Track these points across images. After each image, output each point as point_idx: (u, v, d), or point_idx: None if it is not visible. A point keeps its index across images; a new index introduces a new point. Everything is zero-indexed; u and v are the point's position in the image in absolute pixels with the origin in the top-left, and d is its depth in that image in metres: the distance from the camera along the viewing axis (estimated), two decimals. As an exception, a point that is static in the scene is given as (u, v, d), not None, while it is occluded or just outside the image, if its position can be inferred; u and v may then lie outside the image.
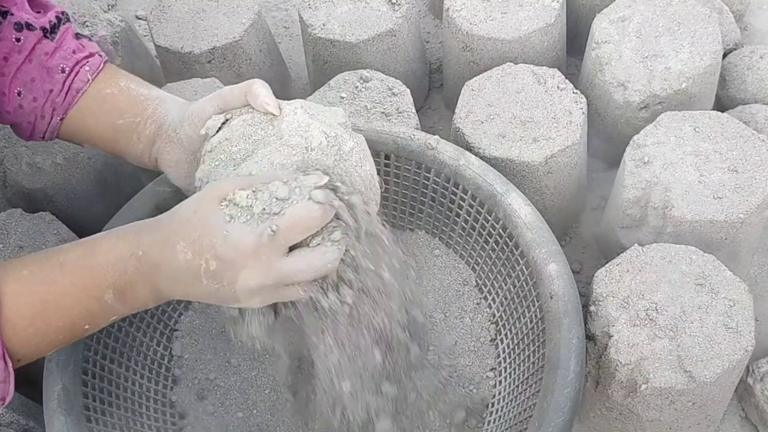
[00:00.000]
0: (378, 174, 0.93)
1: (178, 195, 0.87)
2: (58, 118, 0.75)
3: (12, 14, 0.73)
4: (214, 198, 0.59)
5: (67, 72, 0.74)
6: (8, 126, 0.78)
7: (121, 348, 0.83)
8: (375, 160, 0.92)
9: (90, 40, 0.79)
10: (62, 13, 0.77)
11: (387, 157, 0.92)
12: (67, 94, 0.74)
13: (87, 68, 0.75)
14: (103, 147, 0.77)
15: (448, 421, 0.83)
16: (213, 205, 0.59)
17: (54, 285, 0.60)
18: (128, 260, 0.60)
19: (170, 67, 1.17)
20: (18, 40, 0.73)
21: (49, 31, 0.75)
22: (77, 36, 0.78)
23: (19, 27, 0.73)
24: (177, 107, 0.74)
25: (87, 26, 1.15)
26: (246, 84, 0.70)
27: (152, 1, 1.20)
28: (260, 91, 0.69)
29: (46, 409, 0.72)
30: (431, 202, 0.94)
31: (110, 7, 1.30)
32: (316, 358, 0.69)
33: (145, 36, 1.40)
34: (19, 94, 0.74)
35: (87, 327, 0.63)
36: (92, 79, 0.75)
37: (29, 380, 0.83)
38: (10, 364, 0.59)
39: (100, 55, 0.77)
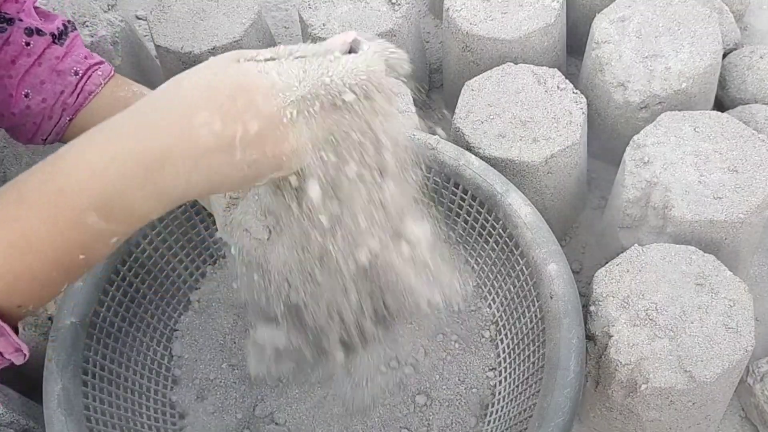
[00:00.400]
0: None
1: (178, 195, 0.88)
2: (68, 119, 0.76)
3: (21, 20, 0.74)
4: (233, 58, 0.50)
5: (80, 74, 0.76)
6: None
7: (121, 348, 0.83)
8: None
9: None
10: (69, 21, 0.79)
11: (387, 157, 0.92)
12: (79, 95, 0.76)
13: (99, 73, 0.78)
14: None
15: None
16: (240, 63, 0.49)
17: (16, 222, 0.48)
18: (111, 162, 0.47)
19: (170, 67, 1.17)
20: (28, 44, 0.75)
21: (58, 37, 0.77)
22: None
23: (29, 32, 0.74)
24: None
25: (87, 26, 1.15)
26: None
27: (152, 1, 1.21)
28: None
29: (46, 409, 0.72)
30: (431, 202, 0.94)
31: (110, 7, 1.30)
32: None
33: (145, 36, 1.40)
34: (26, 95, 0.75)
35: (83, 257, 0.50)
36: (104, 83, 0.77)
37: (29, 380, 0.83)
38: (7, 328, 0.49)
39: (110, 64, 0.80)
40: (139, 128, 0.48)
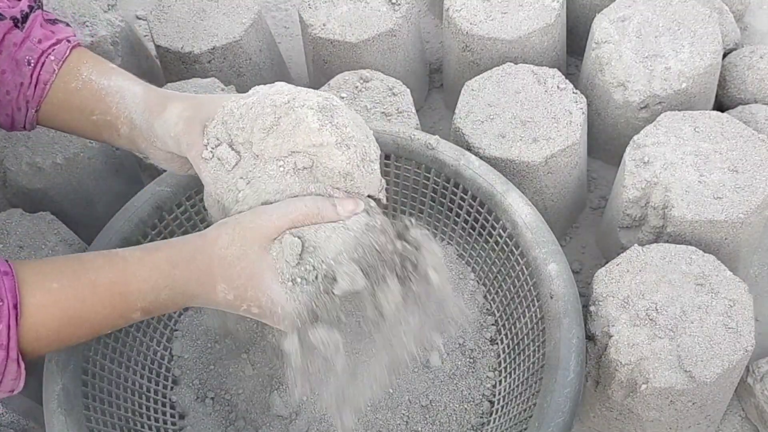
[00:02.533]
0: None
1: (178, 195, 0.88)
2: (33, 111, 0.73)
3: None
4: (259, 243, 0.62)
5: (33, 64, 0.72)
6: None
7: (121, 348, 0.83)
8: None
9: (64, 24, 0.76)
10: (35, 1, 0.74)
11: (387, 157, 0.92)
12: (36, 87, 0.72)
13: (52, 58, 0.72)
14: (92, 138, 0.77)
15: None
16: (259, 253, 0.61)
17: (83, 303, 0.61)
18: (161, 290, 0.63)
19: (170, 67, 1.17)
20: None
21: (21, 21, 0.72)
22: (50, 21, 0.75)
23: None
24: (139, 107, 0.72)
25: (87, 26, 1.15)
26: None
27: (152, 1, 1.20)
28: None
29: (46, 409, 0.72)
30: (431, 202, 0.94)
31: (110, 7, 1.30)
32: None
33: (145, 36, 1.40)
34: None
35: (107, 332, 0.67)
36: (58, 70, 0.73)
37: (29, 380, 0.83)
38: (23, 366, 0.60)
39: (68, 41, 0.74)
40: (181, 273, 0.63)
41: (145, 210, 0.85)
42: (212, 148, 0.67)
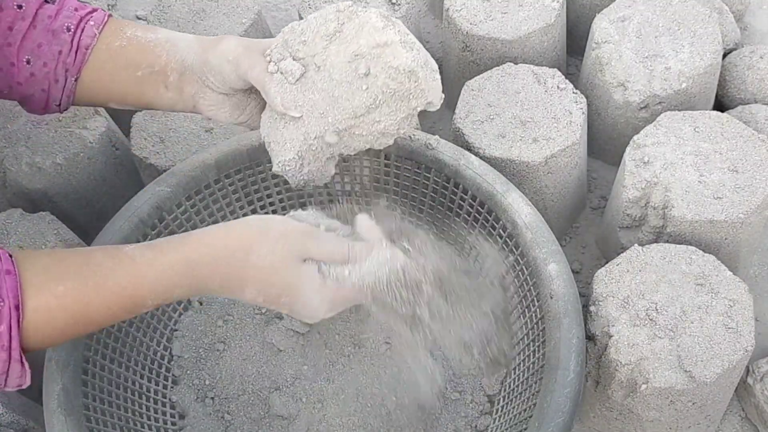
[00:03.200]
0: (378, 174, 0.94)
1: (178, 195, 0.87)
2: (73, 79, 0.73)
3: None
4: (294, 257, 0.63)
5: (72, 30, 0.72)
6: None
7: (121, 348, 0.83)
8: (375, 160, 0.92)
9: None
10: None
11: (387, 157, 0.92)
12: (77, 52, 0.73)
13: (92, 23, 0.73)
14: (132, 103, 0.76)
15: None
16: (293, 266, 0.64)
17: (89, 306, 0.62)
18: (175, 289, 0.64)
19: (170, 67, 1.17)
20: (20, 6, 0.71)
21: None
22: None
23: None
24: (193, 48, 0.73)
25: (87, 26, 1.15)
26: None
27: (152, 1, 1.21)
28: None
29: (46, 409, 0.72)
30: (431, 202, 0.94)
31: (110, 7, 1.30)
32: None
33: (145, 36, 1.40)
34: (28, 62, 0.72)
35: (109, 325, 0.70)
36: (99, 33, 0.73)
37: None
38: (26, 364, 0.61)
39: (103, 10, 0.76)
40: (204, 274, 0.63)
41: (145, 210, 0.85)
42: (276, 62, 0.67)
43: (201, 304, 0.93)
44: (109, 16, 0.75)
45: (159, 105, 0.75)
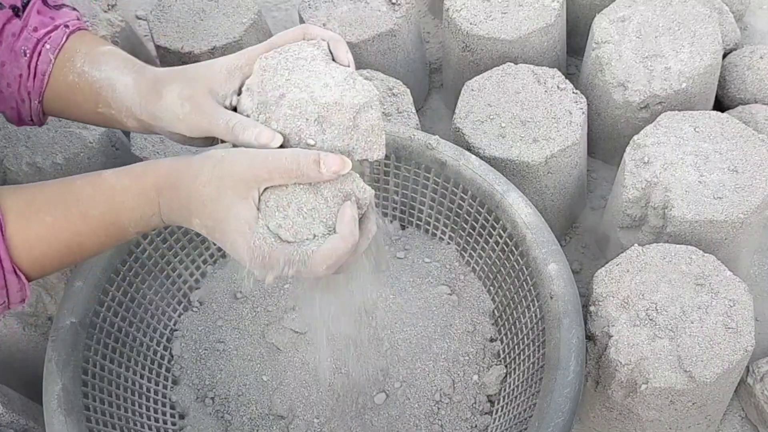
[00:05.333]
0: (378, 174, 0.94)
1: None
2: (36, 102, 0.71)
3: None
4: (234, 189, 0.60)
5: (29, 54, 0.69)
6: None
7: (121, 348, 0.83)
8: (375, 160, 0.92)
9: (70, 9, 0.73)
10: None
11: (387, 157, 0.92)
12: (35, 78, 0.70)
13: (48, 47, 0.69)
14: (104, 126, 0.75)
15: None
16: (231, 199, 0.60)
17: (79, 234, 0.63)
18: (150, 217, 0.64)
19: (170, 67, 1.17)
20: None
21: (20, 9, 0.69)
22: (55, 6, 0.72)
23: None
24: (134, 100, 0.69)
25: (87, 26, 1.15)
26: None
27: (152, 1, 1.20)
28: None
29: (46, 409, 0.72)
30: (431, 202, 0.94)
31: (110, 7, 1.30)
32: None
33: (145, 36, 1.40)
34: None
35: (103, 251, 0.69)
36: (54, 59, 0.70)
37: (29, 380, 0.83)
38: (23, 276, 0.62)
39: (66, 26, 0.71)
40: (165, 203, 0.64)
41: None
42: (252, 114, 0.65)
43: (201, 304, 0.93)
44: (70, 33, 0.71)
45: (131, 130, 0.74)
